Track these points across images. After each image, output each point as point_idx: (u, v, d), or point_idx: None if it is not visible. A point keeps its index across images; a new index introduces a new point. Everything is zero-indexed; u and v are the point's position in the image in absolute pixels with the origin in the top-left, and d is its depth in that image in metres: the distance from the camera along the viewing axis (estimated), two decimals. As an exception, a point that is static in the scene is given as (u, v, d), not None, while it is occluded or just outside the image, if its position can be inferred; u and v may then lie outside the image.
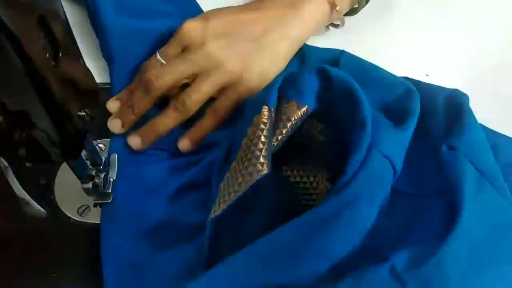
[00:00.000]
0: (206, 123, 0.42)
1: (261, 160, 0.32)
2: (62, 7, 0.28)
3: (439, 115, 0.38)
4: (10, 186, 0.39)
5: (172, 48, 0.43)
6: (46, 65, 0.25)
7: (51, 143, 0.29)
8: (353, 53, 0.50)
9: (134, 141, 0.41)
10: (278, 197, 0.39)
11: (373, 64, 0.45)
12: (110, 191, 0.39)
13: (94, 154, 0.36)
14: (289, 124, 0.36)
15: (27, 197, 0.38)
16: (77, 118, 0.30)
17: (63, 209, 0.39)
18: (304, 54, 0.48)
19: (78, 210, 0.39)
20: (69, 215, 0.39)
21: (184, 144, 0.41)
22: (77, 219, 0.39)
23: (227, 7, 0.45)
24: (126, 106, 0.41)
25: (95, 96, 0.33)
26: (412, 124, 0.36)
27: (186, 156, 0.42)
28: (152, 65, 0.42)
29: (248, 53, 0.42)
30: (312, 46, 0.49)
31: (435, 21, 0.53)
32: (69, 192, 0.40)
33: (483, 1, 0.55)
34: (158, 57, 0.42)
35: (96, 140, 0.42)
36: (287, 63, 0.45)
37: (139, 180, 0.40)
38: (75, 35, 0.30)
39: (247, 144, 0.34)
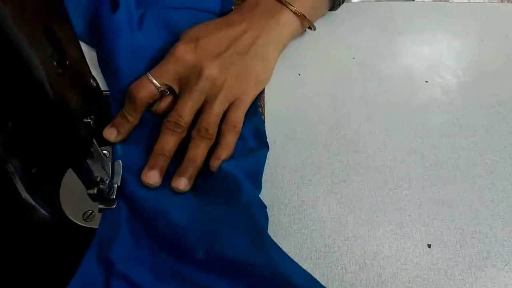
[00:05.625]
0: (229, 141, 0.44)
1: None
2: (69, 16, 0.29)
3: None
4: (18, 191, 0.39)
5: (164, 70, 0.44)
6: (53, 73, 0.26)
7: (56, 150, 0.30)
8: (352, 60, 0.51)
9: (181, 183, 0.41)
10: None
11: None
12: (114, 197, 0.40)
13: (99, 160, 0.37)
14: None
15: (33, 202, 0.39)
16: (83, 125, 0.31)
17: (68, 214, 0.40)
18: None
19: (83, 215, 0.40)
20: (74, 220, 0.40)
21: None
22: (82, 224, 0.40)
23: (212, 21, 0.48)
24: (121, 116, 0.43)
25: (100, 103, 0.33)
26: None
27: None
28: (144, 84, 0.43)
29: (242, 68, 0.46)
30: None
31: (435, 28, 0.54)
32: (75, 198, 0.40)
33: (483, 9, 0.55)
34: (150, 77, 0.43)
35: (100, 147, 0.43)
36: (275, 63, 0.49)
37: None
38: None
39: None
